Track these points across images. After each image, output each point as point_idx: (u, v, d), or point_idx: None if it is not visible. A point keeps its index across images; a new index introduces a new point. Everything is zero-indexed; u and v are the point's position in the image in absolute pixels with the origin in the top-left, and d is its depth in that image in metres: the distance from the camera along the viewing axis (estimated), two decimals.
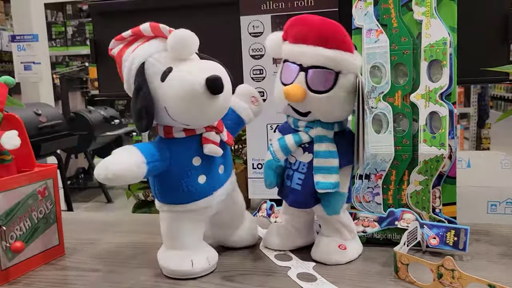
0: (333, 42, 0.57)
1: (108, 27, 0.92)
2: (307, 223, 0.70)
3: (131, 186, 1.08)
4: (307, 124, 0.62)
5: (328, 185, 0.60)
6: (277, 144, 0.62)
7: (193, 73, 0.53)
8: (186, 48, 0.54)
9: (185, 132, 0.58)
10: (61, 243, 0.70)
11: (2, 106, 0.63)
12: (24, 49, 3.25)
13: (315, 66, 0.58)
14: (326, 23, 0.58)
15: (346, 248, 0.64)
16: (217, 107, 0.55)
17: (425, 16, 0.67)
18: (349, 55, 0.58)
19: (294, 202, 0.65)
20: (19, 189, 0.63)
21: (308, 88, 0.58)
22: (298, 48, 0.59)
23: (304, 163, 0.63)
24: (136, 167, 0.54)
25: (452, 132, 0.67)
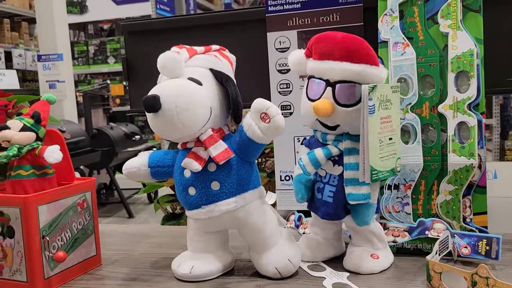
0: (359, 57, 0.60)
1: (139, 46, 0.95)
2: (336, 234, 0.71)
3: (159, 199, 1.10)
4: (335, 137, 0.64)
5: (360, 197, 0.61)
6: (307, 158, 0.64)
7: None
8: (163, 70, 0.61)
9: (181, 145, 0.64)
10: (98, 254, 0.72)
11: (45, 122, 0.67)
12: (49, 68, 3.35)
13: (342, 81, 0.60)
14: (349, 39, 0.61)
15: (379, 257, 0.65)
16: (159, 124, 0.60)
17: (451, 28, 0.69)
18: (375, 68, 0.61)
19: (326, 214, 0.66)
20: (60, 201, 0.65)
21: (336, 102, 0.61)
22: (324, 64, 0.62)
23: (335, 176, 0.64)
24: (138, 169, 0.66)
25: (481, 142, 0.67)
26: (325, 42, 0.62)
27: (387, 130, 0.62)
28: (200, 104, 0.60)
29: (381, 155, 0.61)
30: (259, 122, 0.59)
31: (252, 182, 0.64)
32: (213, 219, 0.62)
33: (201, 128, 0.61)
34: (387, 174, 0.62)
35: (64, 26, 3.48)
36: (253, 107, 0.60)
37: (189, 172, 0.62)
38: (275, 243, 0.65)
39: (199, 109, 0.60)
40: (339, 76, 0.61)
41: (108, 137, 3.50)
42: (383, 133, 0.61)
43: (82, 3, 4.91)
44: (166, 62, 0.61)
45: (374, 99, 0.59)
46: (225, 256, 0.67)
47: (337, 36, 0.61)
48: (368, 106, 0.59)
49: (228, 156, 0.61)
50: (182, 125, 0.59)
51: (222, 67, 0.65)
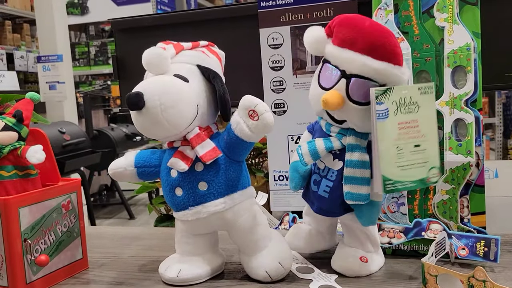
0: (382, 53, 0.54)
1: (130, 43, 0.93)
2: (330, 227, 0.68)
3: (153, 200, 1.08)
4: (340, 130, 0.59)
5: (358, 197, 0.57)
6: (306, 148, 0.60)
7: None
8: (148, 66, 0.59)
9: (168, 144, 0.62)
10: (85, 257, 0.70)
11: (28, 121, 0.65)
12: (49, 69, 3.34)
13: (359, 75, 0.55)
14: (376, 30, 0.55)
15: (368, 260, 0.63)
16: (143, 122, 0.57)
17: (448, 22, 0.66)
18: (398, 69, 0.55)
19: (319, 209, 0.63)
20: (43, 202, 0.63)
21: (348, 97, 0.56)
22: (344, 53, 0.56)
23: (334, 171, 0.60)
24: (125, 169, 0.64)
25: (479, 139, 0.65)
26: (349, 28, 0.56)
27: (410, 137, 0.55)
28: (186, 101, 0.58)
29: (400, 164, 0.55)
30: (247, 119, 0.57)
31: (241, 182, 0.61)
32: (201, 220, 0.60)
33: (187, 126, 0.59)
34: (412, 185, 0.56)
35: (64, 27, 3.47)
36: (241, 104, 0.57)
37: (175, 172, 0.60)
38: (266, 246, 0.62)
39: (185, 106, 0.58)
40: (356, 70, 0.55)
41: (108, 138, 3.49)
42: (403, 140, 0.55)
43: (83, 4, 4.91)
44: (151, 58, 0.59)
45: (388, 102, 0.54)
46: (214, 259, 0.65)
47: (364, 24, 0.55)
48: (376, 111, 0.54)
49: (215, 156, 0.59)
50: (167, 123, 0.57)
51: (210, 63, 0.63)
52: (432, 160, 0.56)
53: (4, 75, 3.32)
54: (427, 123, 0.56)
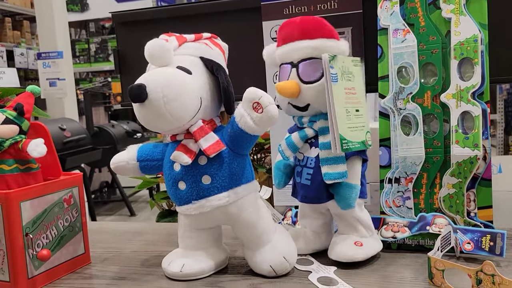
0: (315, 32, 0.61)
1: (131, 37, 0.92)
2: (324, 226, 0.69)
3: (155, 196, 1.07)
4: (310, 118, 0.63)
5: (336, 175, 0.60)
6: (284, 143, 0.64)
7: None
8: (150, 58, 0.59)
9: (170, 137, 0.61)
10: (87, 252, 0.70)
11: (29, 114, 0.64)
12: (49, 66, 3.33)
13: (304, 59, 0.61)
14: (306, 19, 0.62)
15: (363, 244, 0.63)
16: (146, 115, 0.57)
17: (454, 13, 0.65)
18: (334, 41, 0.61)
19: (304, 197, 0.65)
20: (45, 197, 0.63)
21: (301, 81, 0.61)
22: (287, 47, 0.63)
23: (312, 158, 0.63)
24: (127, 163, 0.63)
25: (486, 132, 0.64)
26: (286, 27, 0.63)
27: (353, 102, 0.61)
28: (189, 94, 0.57)
29: (350, 125, 0.60)
30: (252, 112, 0.56)
31: (245, 176, 0.61)
32: (204, 214, 0.59)
33: (190, 119, 0.58)
34: (358, 145, 0.60)
35: (64, 23, 3.46)
36: (245, 97, 0.56)
37: (178, 166, 0.60)
38: (270, 240, 0.62)
39: (188, 99, 0.57)
40: (300, 55, 0.61)
41: (109, 135, 3.48)
42: (349, 104, 0.60)
43: (83, 1, 4.90)
44: (154, 50, 0.58)
45: (336, 68, 0.59)
46: (218, 254, 0.64)
47: (295, 20, 0.62)
48: (331, 74, 0.59)
49: (219, 149, 0.58)
50: (170, 115, 0.56)
51: (213, 55, 0.62)
52: (367, 125, 0.63)
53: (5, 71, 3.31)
54: (360, 92, 0.62)
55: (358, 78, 0.62)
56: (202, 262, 0.62)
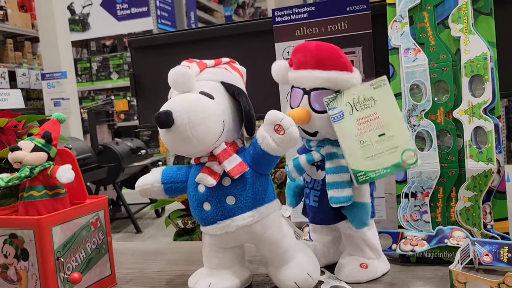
0: (329, 64, 0.61)
1: (146, 61, 0.95)
2: (333, 241, 0.71)
3: (170, 214, 1.09)
4: (318, 143, 0.65)
5: (341, 199, 0.62)
6: (291, 164, 0.65)
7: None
8: (174, 85, 0.61)
9: (194, 160, 0.63)
10: (113, 273, 0.71)
11: (56, 141, 0.66)
12: (53, 86, 3.36)
13: (315, 88, 0.62)
14: (321, 47, 0.63)
15: (368, 266, 0.65)
16: (173, 140, 0.59)
17: (463, 32, 0.68)
18: (346, 74, 0.62)
19: (312, 219, 0.68)
20: (74, 221, 0.65)
21: (312, 109, 0.62)
22: (300, 73, 0.64)
23: (319, 181, 0.65)
24: (152, 185, 0.65)
25: (499, 146, 0.66)
26: (301, 53, 0.64)
27: (372, 128, 0.61)
28: (213, 118, 0.59)
29: (367, 155, 0.60)
30: (273, 134, 0.58)
31: (268, 195, 0.63)
32: (229, 234, 0.61)
33: (214, 142, 0.60)
34: (385, 171, 0.60)
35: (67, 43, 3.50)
36: (266, 119, 0.59)
37: (203, 187, 0.61)
38: (293, 257, 0.63)
39: (212, 123, 0.59)
40: (312, 84, 0.62)
41: (114, 153, 3.49)
42: (366, 133, 0.61)
43: (84, 21, 4.95)
44: (177, 77, 0.60)
45: (341, 105, 0.61)
46: (242, 272, 0.66)
47: (310, 46, 0.63)
48: (330, 115, 0.61)
49: (243, 170, 0.60)
50: (195, 140, 0.58)
51: (233, 79, 0.65)
52: (403, 143, 0.60)
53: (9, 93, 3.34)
54: (388, 112, 0.61)
55: (383, 100, 0.61)
56: (228, 280, 0.64)
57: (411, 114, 0.70)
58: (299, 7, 0.83)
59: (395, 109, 0.61)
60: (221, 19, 7.31)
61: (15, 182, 0.62)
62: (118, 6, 4.85)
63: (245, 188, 0.61)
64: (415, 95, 0.71)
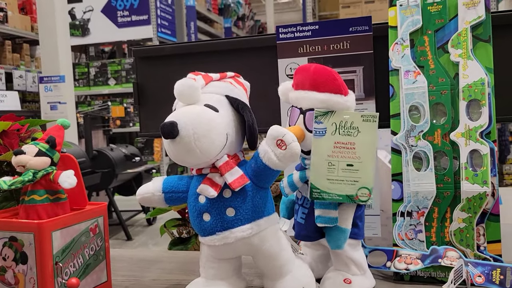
0: (324, 86, 0.64)
1: (150, 71, 0.96)
2: (322, 257, 0.73)
3: (166, 223, 1.09)
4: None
5: (327, 220, 0.64)
6: (286, 180, 0.68)
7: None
8: (180, 97, 0.62)
9: (196, 171, 0.64)
10: (109, 280, 0.72)
11: (60, 147, 0.67)
12: (51, 89, 3.36)
13: (311, 109, 0.64)
14: (319, 70, 0.65)
15: (351, 282, 0.66)
16: (177, 151, 0.60)
17: (462, 58, 0.70)
18: (339, 97, 0.64)
19: (298, 235, 0.70)
20: (74, 226, 0.65)
21: (306, 129, 0.65)
22: (298, 94, 0.66)
23: (308, 199, 0.67)
24: (153, 194, 0.66)
25: (494, 170, 0.68)
26: (300, 74, 0.66)
27: (344, 156, 0.63)
28: (217, 131, 0.60)
29: (330, 177, 0.63)
30: (275, 148, 0.60)
31: (267, 208, 0.64)
32: (228, 245, 0.62)
33: (217, 154, 0.61)
34: (337, 197, 0.63)
35: (66, 48, 3.50)
36: (269, 134, 0.60)
37: (204, 198, 0.62)
38: (290, 271, 0.64)
39: (216, 135, 0.60)
40: (308, 105, 0.65)
41: (108, 159, 3.49)
42: (336, 157, 0.63)
43: (84, 26, 4.98)
44: (183, 89, 0.61)
45: (327, 123, 0.63)
46: (238, 283, 0.66)
47: (310, 68, 0.65)
48: (314, 128, 0.63)
49: (244, 183, 0.61)
50: (199, 151, 0.59)
51: (237, 93, 0.66)
52: (364, 181, 0.63)
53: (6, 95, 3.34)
54: (364, 147, 0.63)
55: (366, 135, 0.63)
56: None
57: (409, 134, 0.72)
58: (303, 25, 0.85)
59: (373, 148, 0.63)
60: (220, 30, 7.37)
61: (18, 185, 0.62)
62: (119, 13, 4.88)
63: (245, 200, 0.62)
64: (414, 116, 0.73)
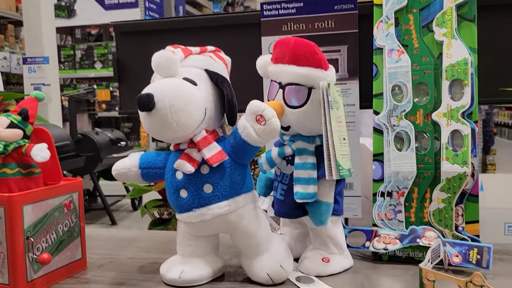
0: (304, 60, 0.62)
1: (131, 46, 0.94)
2: (301, 236, 0.72)
3: (146, 204, 1.08)
4: (290, 138, 0.66)
5: (306, 196, 0.63)
6: (264, 157, 0.66)
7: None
8: (157, 69, 0.60)
9: (174, 146, 0.63)
10: (84, 257, 0.70)
11: (33, 119, 0.65)
12: (34, 71, 3.30)
13: (290, 83, 0.63)
14: (299, 43, 0.63)
15: (330, 261, 0.66)
16: (152, 124, 0.58)
17: (446, 37, 0.69)
18: (320, 71, 0.62)
19: (278, 212, 0.69)
20: (47, 201, 0.63)
21: (286, 103, 0.63)
22: (277, 67, 0.65)
23: (287, 175, 0.66)
24: (129, 170, 0.64)
25: (474, 150, 0.67)
26: (280, 47, 0.65)
27: (341, 130, 0.63)
28: (195, 105, 0.59)
29: (342, 152, 0.62)
30: (255, 124, 0.58)
31: (245, 185, 0.62)
32: (205, 222, 0.61)
33: (195, 129, 0.60)
34: (347, 173, 0.63)
35: (51, 29, 3.43)
36: (248, 109, 0.59)
37: (181, 174, 0.61)
38: (267, 249, 0.63)
39: (194, 109, 0.59)
40: (287, 79, 0.63)
41: (93, 142, 3.44)
42: (339, 132, 0.63)
43: (70, 7, 4.87)
44: (161, 61, 0.60)
45: (331, 96, 0.62)
46: (215, 261, 0.66)
47: (290, 41, 0.63)
48: (329, 101, 0.61)
49: (222, 159, 0.60)
50: (176, 125, 0.58)
51: (217, 68, 0.64)
52: (349, 153, 0.65)
53: None
54: (344, 121, 0.65)
55: (342, 107, 0.65)
56: (201, 269, 0.63)
57: (392, 114, 0.71)
58: (287, 3, 0.84)
59: (345, 120, 0.65)
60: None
61: None
62: None
63: (223, 177, 0.61)
64: (396, 96, 0.72)
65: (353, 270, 0.68)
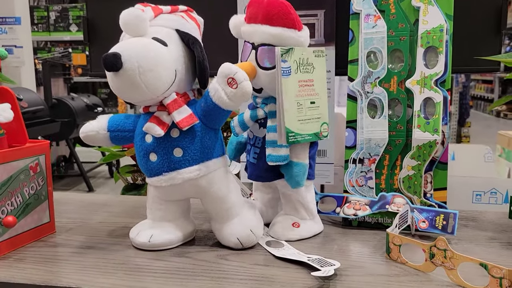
0: (277, 20, 0.61)
1: (101, 5, 0.90)
2: (272, 201, 0.73)
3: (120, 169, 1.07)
4: (263, 100, 0.65)
5: (278, 158, 0.63)
6: (236, 119, 0.66)
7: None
8: (125, 27, 0.58)
9: (143, 109, 0.61)
10: (52, 221, 0.69)
11: None
12: (5, 32, 3.17)
13: (263, 44, 0.62)
14: (272, 3, 0.61)
15: (300, 226, 0.67)
16: (120, 84, 0.57)
17: (423, 3, 0.68)
18: (293, 32, 0.61)
19: (250, 175, 0.69)
20: (11, 163, 0.62)
21: (258, 65, 0.62)
22: (250, 27, 0.63)
23: (260, 138, 0.66)
24: (97, 132, 0.63)
25: (446, 118, 0.68)
26: (253, 6, 0.63)
27: (307, 94, 0.62)
28: (164, 66, 0.57)
29: (300, 118, 0.62)
30: (226, 87, 0.57)
31: (216, 150, 0.62)
32: (175, 187, 0.60)
33: (165, 91, 0.58)
34: (308, 137, 0.63)
35: None
36: (220, 72, 0.57)
37: (150, 138, 0.60)
38: (238, 214, 0.63)
39: (163, 70, 0.57)
40: (260, 39, 0.62)
41: (68, 108, 3.37)
42: (302, 96, 0.62)
43: None
44: (129, 19, 0.57)
45: (290, 61, 0.60)
46: (186, 226, 0.65)
47: (263, 1, 0.62)
48: (282, 68, 0.60)
49: (192, 122, 0.59)
50: (144, 86, 0.56)
51: (189, 28, 0.62)
52: (324, 116, 0.65)
53: None
54: (320, 83, 0.64)
55: (319, 69, 0.63)
56: (170, 233, 0.63)
57: (366, 81, 0.71)
58: None
59: (325, 83, 0.64)
60: None
61: None
62: None
63: (193, 141, 0.60)
64: (371, 62, 0.71)
65: (323, 235, 0.69)
